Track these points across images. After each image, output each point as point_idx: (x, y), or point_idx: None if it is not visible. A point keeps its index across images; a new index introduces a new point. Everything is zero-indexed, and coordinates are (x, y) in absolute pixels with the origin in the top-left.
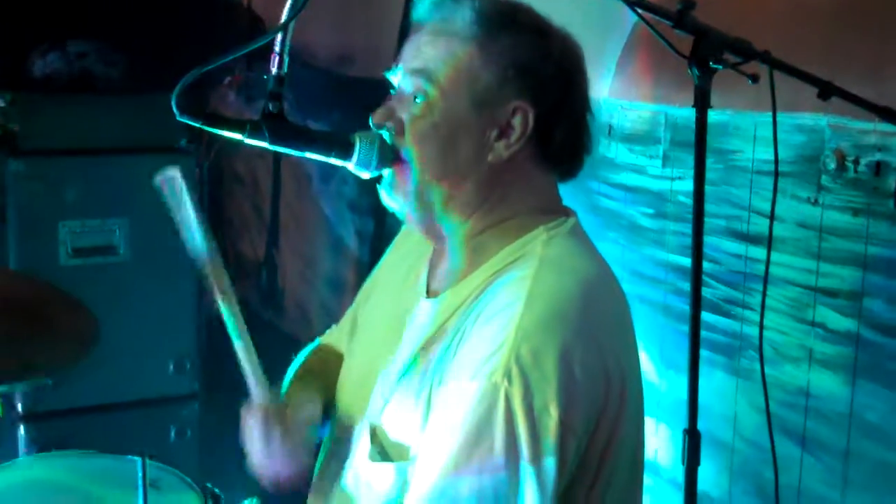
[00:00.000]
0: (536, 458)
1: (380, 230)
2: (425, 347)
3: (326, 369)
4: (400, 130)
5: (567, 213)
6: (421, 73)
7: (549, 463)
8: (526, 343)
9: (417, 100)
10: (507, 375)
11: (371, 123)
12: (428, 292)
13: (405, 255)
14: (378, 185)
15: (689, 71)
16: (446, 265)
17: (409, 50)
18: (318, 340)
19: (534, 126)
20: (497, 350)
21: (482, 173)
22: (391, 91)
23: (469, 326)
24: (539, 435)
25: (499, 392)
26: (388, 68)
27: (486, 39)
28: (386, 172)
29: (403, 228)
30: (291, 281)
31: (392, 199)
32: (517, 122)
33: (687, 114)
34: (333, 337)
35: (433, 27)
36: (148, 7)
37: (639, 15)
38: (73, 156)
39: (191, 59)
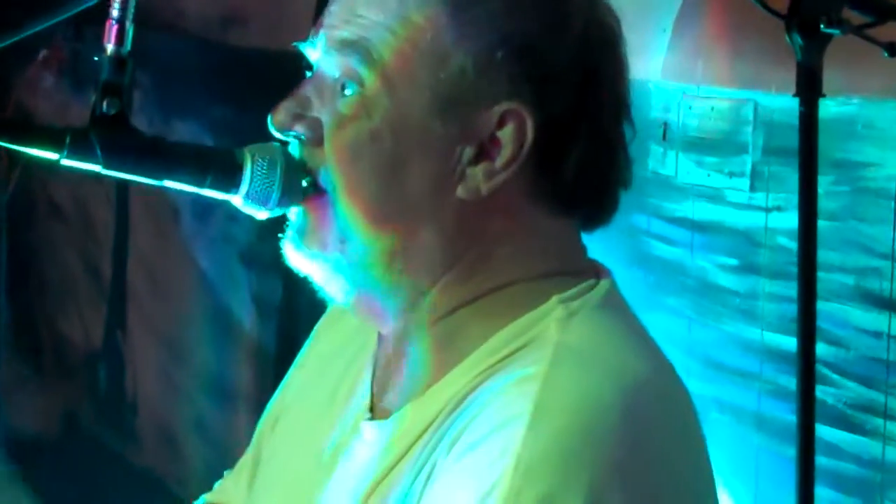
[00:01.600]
0: None
1: (292, 297)
2: (368, 501)
3: None
4: (317, 140)
5: (596, 272)
6: (353, 47)
7: None
8: (531, 486)
9: (346, 91)
10: None
11: (271, 128)
12: (372, 411)
13: (336, 350)
14: (281, 234)
15: (787, 39)
16: (401, 367)
17: (337, 9)
18: (203, 500)
19: (534, 142)
20: (486, 496)
21: (449, 215)
22: (307, 74)
23: (440, 461)
24: None
25: None
26: (303, 37)
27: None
28: (294, 211)
29: (331, 306)
30: (147, 384)
31: (304, 257)
32: (507, 134)
33: (788, 105)
34: (227, 494)
35: None
36: None
37: None
38: None
39: None
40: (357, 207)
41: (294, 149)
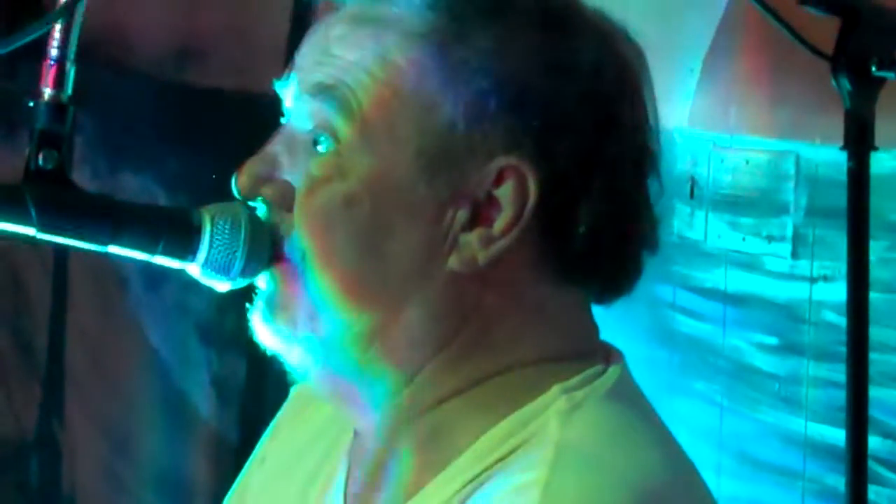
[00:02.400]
0: None
1: (257, 379)
2: None
3: None
4: (287, 205)
5: (606, 356)
6: (327, 92)
7: None
8: None
9: (319, 147)
10: None
11: (235, 191)
12: None
13: (305, 444)
14: (248, 304)
15: (833, 82)
16: (380, 471)
17: (309, 49)
18: None
19: (538, 202)
20: None
21: (439, 290)
22: (281, 120)
23: None
24: None
25: None
26: (276, 76)
27: (451, 37)
28: (262, 281)
29: (295, 390)
30: (87, 479)
31: (272, 333)
32: (506, 194)
33: (834, 158)
34: None
35: (358, 10)
36: None
37: None
38: None
39: None
40: (330, 281)
41: (261, 211)
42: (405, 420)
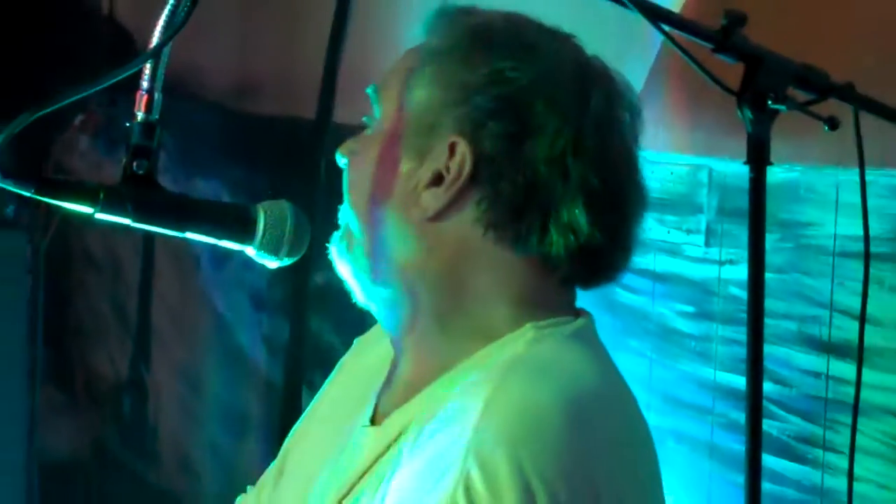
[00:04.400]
0: None
1: (299, 336)
2: (347, 495)
3: None
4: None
5: (577, 314)
6: (374, 91)
7: None
8: (480, 469)
9: (367, 130)
10: None
11: (336, 155)
12: (374, 420)
13: (360, 375)
14: (328, 243)
15: (738, 112)
16: (398, 377)
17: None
18: None
19: (472, 172)
20: (440, 478)
21: (414, 231)
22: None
23: (406, 455)
24: None
25: None
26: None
27: (449, 55)
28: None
29: (356, 341)
30: (168, 413)
31: (339, 261)
32: (454, 164)
33: (740, 170)
34: None
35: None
36: None
37: (665, 35)
38: None
39: (26, 87)
40: (353, 221)
41: (342, 162)
42: (406, 333)
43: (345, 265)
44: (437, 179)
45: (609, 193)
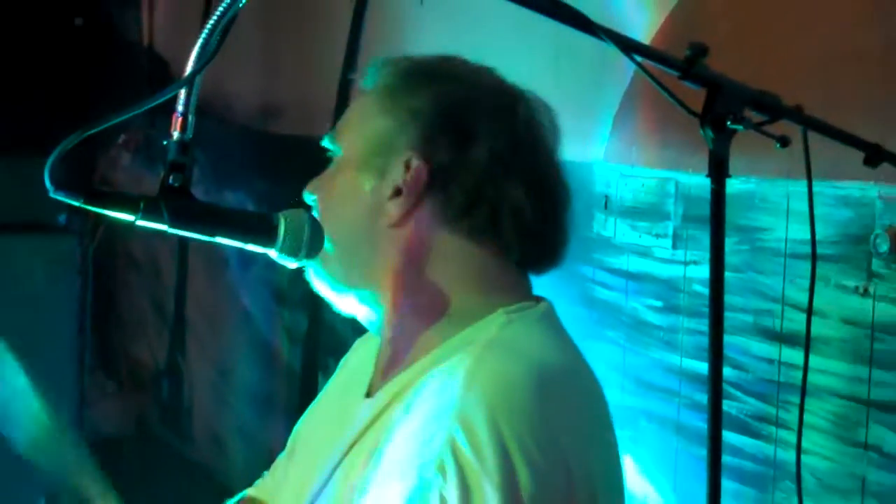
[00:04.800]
0: None
1: (315, 328)
2: (343, 460)
3: None
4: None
5: (538, 300)
6: (334, 132)
7: None
8: (463, 432)
9: (331, 165)
10: (441, 471)
11: (304, 195)
12: (370, 394)
13: (358, 367)
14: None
15: (701, 132)
16: (388, 359)
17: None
18: (244, 494)
19: (429, 182)
20: (429, 441)
21: (381, 239)
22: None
23: (396, 423)
24: None
25: (431, 490)
26: (330, 125)
27: (395, 89)
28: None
29: (355, 343)
30: (201, 396)
31: (316, 280)
32: (412, 176)
33: (702, 182)
34: (264, 490)
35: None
36: (19, 45)
37: (637, 64)
38: None
39: (75, 110)
40: (329, 238)
41: (315, 212)
42: (388, 326)
43: (321, 282)
44: (398, 191)
45: (543, 182)
